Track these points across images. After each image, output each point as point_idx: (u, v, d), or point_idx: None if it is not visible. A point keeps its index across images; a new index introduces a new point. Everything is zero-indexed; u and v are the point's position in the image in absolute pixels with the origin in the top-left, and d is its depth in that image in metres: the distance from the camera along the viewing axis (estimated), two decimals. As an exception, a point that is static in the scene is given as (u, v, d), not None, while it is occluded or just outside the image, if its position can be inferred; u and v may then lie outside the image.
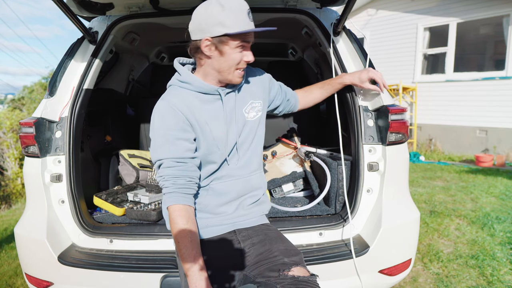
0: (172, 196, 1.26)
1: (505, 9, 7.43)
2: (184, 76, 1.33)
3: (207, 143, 1.33)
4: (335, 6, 2.02)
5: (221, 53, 1.24)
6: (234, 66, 1.28)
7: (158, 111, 1.29)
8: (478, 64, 8.81)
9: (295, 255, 1.33)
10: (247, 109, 1.42)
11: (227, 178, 1.40)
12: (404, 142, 1.82)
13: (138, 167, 2.60)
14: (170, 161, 1.26)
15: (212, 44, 1.23)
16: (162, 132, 1.27)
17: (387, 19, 9.36)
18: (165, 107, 1.28)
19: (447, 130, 8.47)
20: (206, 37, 1.22)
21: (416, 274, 2.67)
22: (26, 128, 1.79)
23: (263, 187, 1.54)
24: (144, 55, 3.47)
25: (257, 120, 1.45)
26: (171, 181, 1.26)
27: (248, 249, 1.36)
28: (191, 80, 1.32)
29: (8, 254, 3.57)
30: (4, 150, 10.90)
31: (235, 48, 1.24)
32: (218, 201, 1.40)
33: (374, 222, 1.75)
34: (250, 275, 1.34)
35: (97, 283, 1.70)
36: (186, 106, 1.28)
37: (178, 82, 1.35)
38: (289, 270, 1.25)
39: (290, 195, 2.34)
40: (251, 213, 1.46)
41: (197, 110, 1.30)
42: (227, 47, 1.23)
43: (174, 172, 1.27)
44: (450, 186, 5.21)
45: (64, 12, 1.68)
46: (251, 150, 1.44)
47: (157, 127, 1.28)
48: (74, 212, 1.82)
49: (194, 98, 1.32)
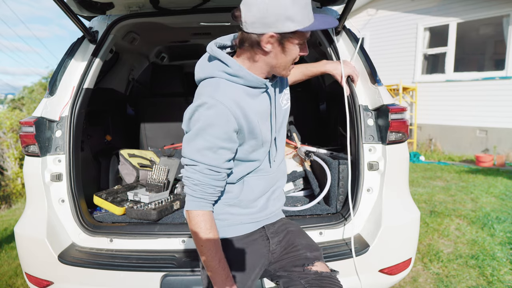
0: (199, 202, 1.17)
1: (505, 9, 7.43)
2: (234, 69, 1.15)
3: (254, 142, 1.22)
4: (335, 6, 2.02)
5: (283, 49, 1.12)
6: (292, 61, 1.17)
7: (209, 113, 1.10)
8: (478, 64, 8.81)
9: (316, 250, 1.34)
10: (283, 99, 1.34)
11: (263, 172, 1.31)
12: (404, 142, 1.82)
13: (138, 166, 2.60)
14: (206, 168, 1.15)
15: (276, 40, 1.09)
16: (207, 137, 1.12)
17: (387, 19, 9.36)
18: (219, 112, 1.10)
19: (447, 130, 8.47)
20: (272, 33, 1.07)
21: (416, 274, 2.67)
22: (26, 128, 1.79)
23: (285, 177, 1.47)
24: (144, 54, 3.47)
25: (288, 108, 1.39)
26: (200, 187, 1.16)
27: (276, 246, 1.35)
28: (242, 73, 1.15)
29: (8, 254, 3.57)
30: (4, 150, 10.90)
31: (298, 44, 1.13)
32: (252, 195, 1.30)
33: (374, 221, 1.75)
34: (270, 268, 1.33)
35: (97, 282, 1.70)
36: (239, 108, 1.14)
37: (226, 75, 1.16)
38: (312, 265, 1.26)
39: (290, 195, 2.34)
40: (276, 207, 1.42)
41: (248, 109, 1.16)
42: (291, 44, 1.12)
43: (206, 180, 1.16)
44: (450, 186, 5.21)
45: (64, 12, 1.68)
46: (283, 139, 1.37)
47: (202, 128, 1.12)
48: (74, 212, 1.82)
49: (243, 93, 1.17)
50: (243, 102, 1.15)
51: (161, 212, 1.97)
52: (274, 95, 1.26)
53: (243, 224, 1.31)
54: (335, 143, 2.76)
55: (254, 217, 1.32)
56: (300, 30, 1.07)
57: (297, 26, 1.06)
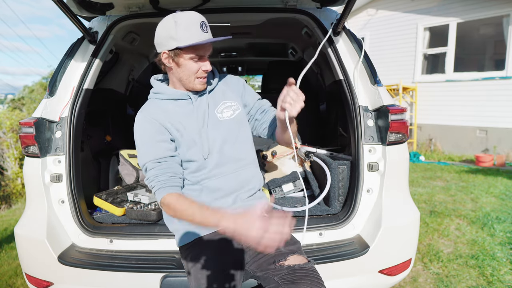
0: (160, 192, 1.32)
1: (505, 9, 7.43)
2: (157, 88, 1.48)
3: (185, 140, 1.41)
4: (335, 6, 2.02)
5: (178, 64, 1.36)
6: (193, 75, 1.38)
7: (137, 122, 1.42)
8: (478, 64, 8.81)
9: (292, 244, 1.34)
10: (219, 109, 1.49)
11: (217, 175, 1.44)
12: (404, 142, 1.82)
13: (138, 167, 2.60)
14: (152, 162, 1.35)
15: (169, 56, 1.35)
16: (142, 139, 1.39)
17: (387, 19, 9.36)
18: (142, 118, 1.41)
19: (447, 130, 8.47)
20: (164, 51, 1.34)
21: (416, 274, 2.67)
22: (26, 128, 1.79)
23: (258, 182, 1.54)
24: (144, 55, 3.47)
25: (236, 118, 1.50)
26: (156, 180, 1.33)
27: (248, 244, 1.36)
28: (162, 90, 1.46)
29: (8, 254, 3.57)
30: (4, 150, 10.89)
31: (190, 60, 1.34)
32: (212, 197, 1.43)
33: (374, 222, 1.75)
34: (250, 269, 1.34)
35: (97, 283, 1.70)
36: (160, 113, 1.41)
37: (153, 94, 1.49)
38: (285, 259, 1.26)
39: (290, 195, 2.34)
40: (249, 206, 1.46)
41: (171, 113, 1.42)
42: (182, 59, 1.34)
43: (156, 172, 1.34)
44: (450, 186, 5.21)
45: (64, 12, 1.68)
46: (237, 147, 1.47)
47: (139, 136, 1.40)
48: (74, 212, 1.82)
49: (169, 104, 1.44)
50: (166, 111, 1.42)
51: (161, 213, 1.97)
52: (206, 104, 1.45)
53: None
54: (335, 143, 2.76)
55: None
56: (179, 46, 1.29)
57: (178, 44, 1.29)
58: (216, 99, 1.50)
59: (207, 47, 1.35)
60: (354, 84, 1.87)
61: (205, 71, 1.38)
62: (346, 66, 1.90)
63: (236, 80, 1.62)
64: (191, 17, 1.30)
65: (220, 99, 1.51)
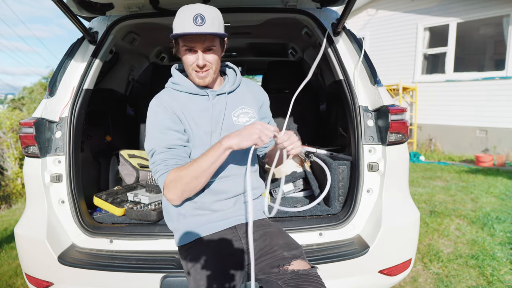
0: (165, 175, 1.32)
1: (505, 9, 7.43)
2: (176, 78, 1.49)
3: (196, 135, 1.42)
4: (335, 6, 2.02)
5: (180, 54, 1.41)
6: (189, 67, 1.39)
7: (151, 107, 1.44)
8: (478, 64, 8.81)
9: (295, 249, 1.34)
10: (236, 113, 1.50)
11: (222, 178, 1.44)
12: (404, 142, 1.82)
13: (138, 167, 2.60)
14: (162, 148, 1.35)
15: (173, 45, 1.42)
16: (154, 124, 1.39)
17: (387, 19, 9.36)
18: (157, 104, 1.43)
19: (447, 130, 8.47)
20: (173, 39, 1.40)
21: (416, 274, 2.67)
22: (26, 128, 1.79)
23: (261, 186, 1.58)
24: (144, 55, 3.47)
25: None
26: (163, 164, 1.33)
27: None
28: (181, 81, 1.47)
29: (8, 254, 3.57)
30: (4, 150, 10.89)
31: (183, 51, 1.37)
32: (214, 198, 1.44)
33: (374, 222, 1.75)
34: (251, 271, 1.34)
35: (97, 283, 1.70)
36: (176, 103, 1.42)
37: (171, 84, 1.50)
38: (289, 264, 1.26)
39: (290, 195, 2.34)
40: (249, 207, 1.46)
41: (186, 107, 1.42)
42: (180, 49, 1.38)
43: (165, 156, 1.34)
44: (450, 186, 5.21)
45: (64, 12, 1.68)
46: (244, 151, 1.43)
47: (151, 121, 1.40)
48: (74, 212, 1.81)
49: (184, 97, 1.45)
50: (181, 102, 1.43)
51: (161, 213, 1.96)
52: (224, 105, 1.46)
53: (210, 223, 1.42)
54: (335, 143, 2.76)
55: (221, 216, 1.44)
56: (171, 35, 1.33)
57: (173, 32, 1.33)
58: (235, 102, 1.50)
59: (196, 40, 1.32)
60: (354, 84, 1.87)
61: (197, 66, 1.37)
62: (346, 66, 1.90)
63: (261, 90, 1.64)
64: (190, 9, 1.31)
65: (239, 102, 1.51)
